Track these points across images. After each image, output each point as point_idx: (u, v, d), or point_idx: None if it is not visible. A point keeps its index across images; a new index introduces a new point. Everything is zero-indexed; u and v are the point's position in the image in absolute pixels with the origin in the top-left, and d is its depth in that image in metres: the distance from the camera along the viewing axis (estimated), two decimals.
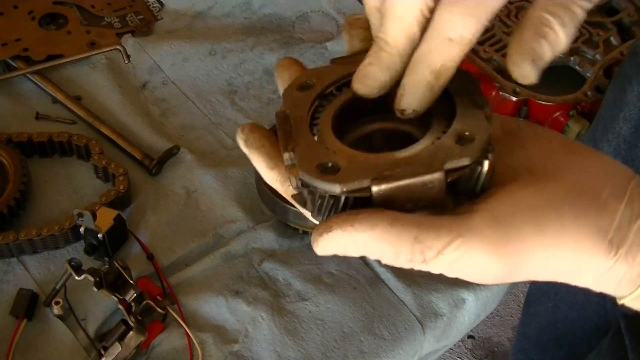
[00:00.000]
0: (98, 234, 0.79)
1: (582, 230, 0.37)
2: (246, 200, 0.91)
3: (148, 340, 0.77)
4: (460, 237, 0.36)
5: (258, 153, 0.42)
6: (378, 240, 0.36)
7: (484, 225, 0.36)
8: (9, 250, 0.81)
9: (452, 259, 0.36)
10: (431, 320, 0.84)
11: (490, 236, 0.36)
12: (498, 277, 0.37)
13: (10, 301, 0.78)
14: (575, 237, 0.37)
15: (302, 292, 0.84)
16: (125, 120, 0.98)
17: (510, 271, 0.37)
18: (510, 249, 0.36)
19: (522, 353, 1.20)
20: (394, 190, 0.36)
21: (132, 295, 0.75)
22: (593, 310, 0.98)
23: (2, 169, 0.86)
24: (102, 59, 1.05)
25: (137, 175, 0.92)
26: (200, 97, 1.04)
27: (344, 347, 0.80)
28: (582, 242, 0.37)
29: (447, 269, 0.37)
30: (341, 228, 0.37)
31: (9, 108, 0.98)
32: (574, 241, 0.37)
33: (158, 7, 1.15)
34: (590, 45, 1.09)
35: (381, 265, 0.86)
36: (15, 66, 1.02)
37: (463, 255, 0.36)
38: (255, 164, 0.43)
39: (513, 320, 1.96)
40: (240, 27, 1.16)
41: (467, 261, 0.36)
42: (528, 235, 0.37)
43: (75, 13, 1.10)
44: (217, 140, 0.99)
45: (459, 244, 0.36)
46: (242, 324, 0.80)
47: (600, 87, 1.03)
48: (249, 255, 0.86)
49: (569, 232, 0.37)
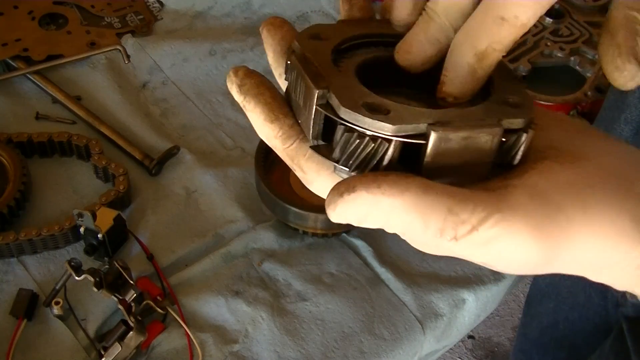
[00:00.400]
0: (98, 234, 0.79)
1: (621, 216, 0.33)
2: (246, 200, 0.91)
3: (148, 341, 0.77)
4: (499, 212, 0.31)
5: (256, 102, 0.36)
6: (407, 208, 0.31)
7: (525, 202, 0.32)
8: (9, 250, 0.81)
9: (486, 238, 0.31)
10: (431, 320, 0.84)
11: (533, 214, 0.32)
12: (533, 262, 0.33)
13: (10, 301, 0.78)
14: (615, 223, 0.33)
15: (302, 293, 0.84)
16: (125, 120, 0.98)
17: (548, 257, 0.33)
18: (553, 229, 0.32)
19: (523, 353, 1.20)
20: (451, 142, 0.31)
21: (132, 295, 0.75)
22: (594, 311, 0.98)
23: (2, 169, 0.86)
24: (102, 59, 1.05)
25: (137, 175, 0.92)
26: (200, 97, 1.04)
27: (344, 347, 0.80)
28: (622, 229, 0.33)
29: (477, 250, 0.32)
30: (366, 189, 0.31)
31: (9, 108, 0.98)
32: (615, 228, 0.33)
33: (158, 7, 1.15)
34: (590, 45, 1.09)
35: (381, 265, 0.86)
36: (15, 66, 1.02)
37: (500, 233, 0.31)
38: (252, 115, 0.36)
39: (513, 321, 1.96)
40: (240, 27, 1.16)
41: (503, 241, 0.31)
42: (571, 215, 0.32)
43: (75, 13, 1.10)
44: (217, 140, 0.99)
45: (497, 220, 0.31)
46: (242, 324, 0.80)
47: (600, 87, 1.03)
48: (249, 256, 0.86)
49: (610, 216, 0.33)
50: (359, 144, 0.32)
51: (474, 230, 0.31)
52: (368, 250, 0.88)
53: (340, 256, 0.88)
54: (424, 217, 0.31)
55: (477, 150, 0.32)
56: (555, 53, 1.08)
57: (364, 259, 0.88)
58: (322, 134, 0.34)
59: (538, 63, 1.06)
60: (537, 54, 1.07)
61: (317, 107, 0.33)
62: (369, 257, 0.87)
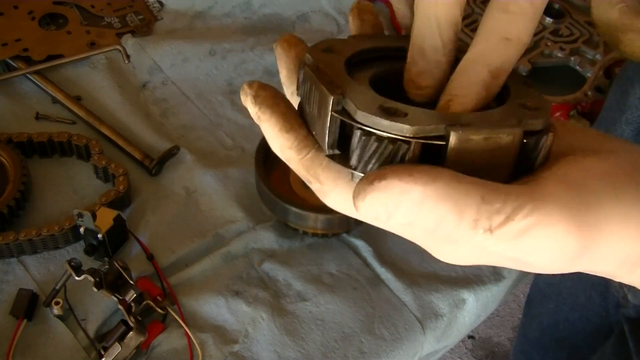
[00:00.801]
0: (98, 234, 0.79)
1: None
2: (246, 200, 0.91)
3: (148, 341, 0.77)
4: (532, 201, 0.31)
5: (271, 112, 0.36)
6: (439, 196, 0.30)
7: (560, 191, 0.31)
8: (9, 250, 0.81)
9: (522, 227, 0.30)
10: (431, 320, 0.84)
11: (569, 203, 0.31)
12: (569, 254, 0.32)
13: (10, 301, 0.78)
14: None
15: (302, 293, 0.84)
16: (125, 120, 0.98)
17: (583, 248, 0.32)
18: (590, 219, 0.31)
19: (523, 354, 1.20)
20: (471, 143, 0.31)
21: (132, 295, 0.75)
22: (594, 312, 0.98)
23: (2, 169, 0.86)
24: (102, 59, 1.05)
25: (137, 175, 0.92)
26: (200, 97, 1.04)
27: (344, 348, 0.80)
28: None
29: (511, 243, 0.31)
30: (398, 177, 0.30)
31: (9, 108, 0.98)
32: None
33: (158, 7, 1.15)
34: (590, 45, 1.09)
35: (381, 265, 0.86)
36: (15, 66, 1.02)
37: (536, 223, 0.30)
38: (266, 126, 0.36)
39: (513, 321, 1.96)
40: (240, 27, 1.16)
41: (539, 232, 0.31)
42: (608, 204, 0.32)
43: (75, 13, 1.10)
44: (217, 140, 0.99)
45: (531, 209, 0.30)
46: (242, 324, 0.80)
47: (600, 87, 1.03)
48: (249, 256, 0.86)
49: None
50: (377, 147, 0.32)
51: (509, 219, 0.30)
52: (368, 250, 0.88)
53: (340, 256, 0.88)
54: (457, 207, 0.30)
55: (498, 151, 0.32)
56: (555, 53, 1.08)
57: (364, 259, 0.88)
58: (337, 144, 0.34)
59: (538, 63, 1.06)
60: (537, 54, 1.07)
61: (333, 113, 0.33)
62: (369, 257, 0.87)
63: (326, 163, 0.35)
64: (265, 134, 0.36)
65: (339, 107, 0.33)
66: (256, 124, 0.37)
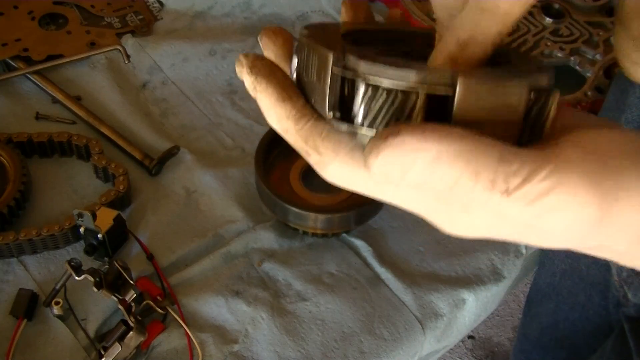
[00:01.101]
0: (98, 234, 0.79)
1: None
2: (246, 200, 0.91)
3: (148, 341, 0.77)
4: (551, 164, 0.29)
5: (267, 82, 0.35)
6: (456, 154, 0.28)
7: (577, 156, 0.30)
8: (9, 250, 0.81)
9: (540, 190, 0.29)
10: (431, 320, 0.84)
11: (588, 168, 0.29)
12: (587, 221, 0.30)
13: (10, 301, 0.78)
14: None
15: (302, 293, 0.84)
16: (125, 120, 0.98)
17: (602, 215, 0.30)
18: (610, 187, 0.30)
19: (523, 354, 1.20)
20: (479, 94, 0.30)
21: (132, 295, 0.75)
22: (594, 311, 0.98)
23: (2, 169, 0.86)
24: (102, 59, 1.05)
25: (137, 175, 0.92)
26: (200, 97, 1.04)
27: (344, 348, 0.80)
28: None
29: (527, 207, 0.29)
30: (411, 133, 0.28)
31: (9, 108, 0.98)
32: None
33: (158, 7, 1.15)
34: (590, 45, 1.09)
35: (381, 265, 0.86)
36: (15, 66, 1.02)
37: (555, 186, 0.29)
38: (262, 96, 0.35)
39: (513, 321, 1.96)
40: (240, 27, 1.16)
41: (558, 195, 0.29)
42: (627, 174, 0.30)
43: (75, 13, 1.10)
44: (217, 140, 0.99)
45: (550, 171, 0.29)
46: (242, 324, 0.80)
47: (600, 87, 1.03)
48: (249, 256, 0.86)
49: None
50: (386, 98, 0.30)
51: (526, 182, 0.29)
52: (368, 250, 0.88)
53: (340, 256, 0.88)
54: (474, 167, 0.29)
55: (505, 106, 0.31)
56: (555, 53, 1.08)
57: (364, 259, 0.88)
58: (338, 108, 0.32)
59: None
60: (537, 54, 1.07)
61: (334, 70, 0.32)
62: (369, 257, 0.87)
63: (326, 133, 0.34)
64: (261, 106, 0.35)
65: (340, 65, 0.32)
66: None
